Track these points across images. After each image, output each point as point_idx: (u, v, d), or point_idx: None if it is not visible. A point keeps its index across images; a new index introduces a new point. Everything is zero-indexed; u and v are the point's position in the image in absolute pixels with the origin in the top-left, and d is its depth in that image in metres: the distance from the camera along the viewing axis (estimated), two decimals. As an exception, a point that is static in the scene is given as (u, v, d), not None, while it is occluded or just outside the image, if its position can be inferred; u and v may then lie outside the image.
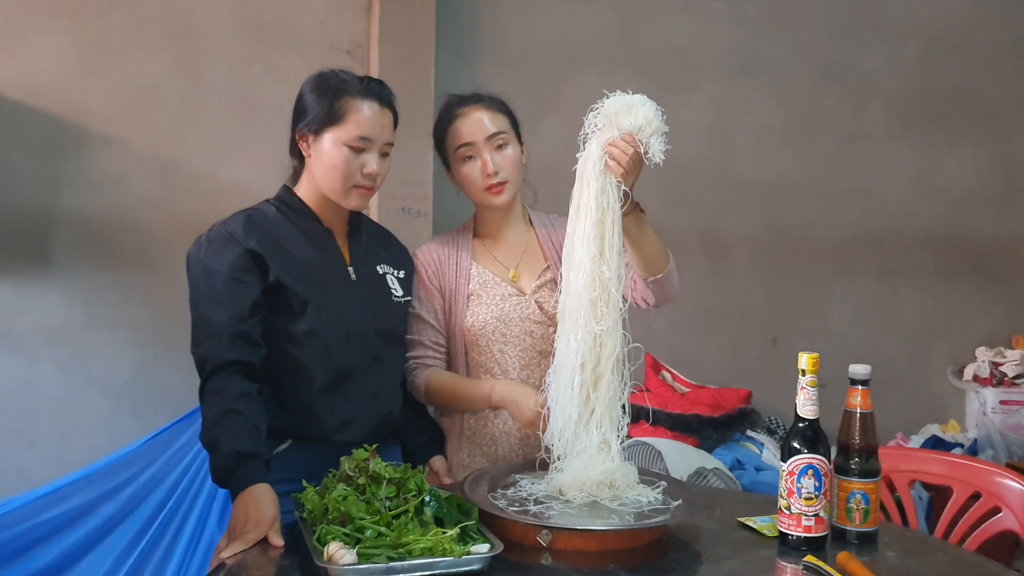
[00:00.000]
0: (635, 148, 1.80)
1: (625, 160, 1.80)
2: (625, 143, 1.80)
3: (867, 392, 1.73)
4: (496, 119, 2.11)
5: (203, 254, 1.90)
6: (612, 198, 1.83)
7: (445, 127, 2.12)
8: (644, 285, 2.05)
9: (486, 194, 2.10)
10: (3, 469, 2.87)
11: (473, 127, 2.09)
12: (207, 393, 1.80)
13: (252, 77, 3.10)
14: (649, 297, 2.07)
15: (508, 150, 2.10)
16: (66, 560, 2.60)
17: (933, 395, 4.23)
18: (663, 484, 1.84)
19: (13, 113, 2.84)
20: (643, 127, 1.79)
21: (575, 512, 1.71)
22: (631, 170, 1.82)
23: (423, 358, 2.12)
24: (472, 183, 2.10)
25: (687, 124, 3.79)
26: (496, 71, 3.38)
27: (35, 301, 2.91)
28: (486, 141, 2.08)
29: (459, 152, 2.09)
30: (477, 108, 2.11)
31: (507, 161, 2.09)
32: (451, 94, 2.19)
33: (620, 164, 1.80)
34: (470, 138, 2.08)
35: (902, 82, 4.13)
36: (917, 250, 4.20)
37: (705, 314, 3.87)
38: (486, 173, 2.07)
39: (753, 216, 3.94)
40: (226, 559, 1.57)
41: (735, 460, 3.13)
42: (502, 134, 2.10)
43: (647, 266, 2.02)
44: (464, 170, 2.10)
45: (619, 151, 1.80)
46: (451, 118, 2.12)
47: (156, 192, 3.02)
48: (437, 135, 2.16)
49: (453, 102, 2.15)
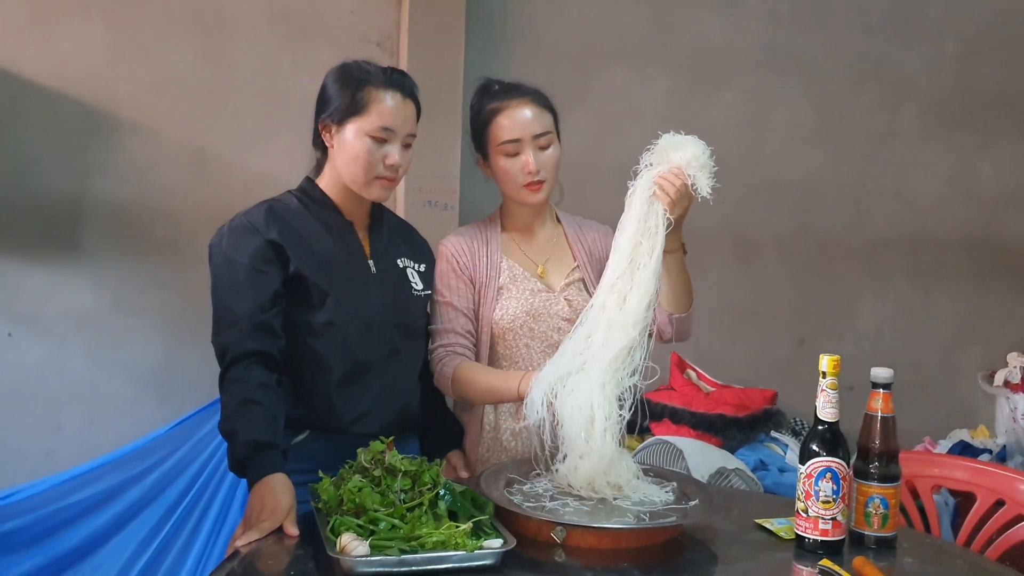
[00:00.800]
0: (683, 180, 1.86)
1: (673, 190, 1.86)
2: (674, 175, 1.87)
3: (889, 396, 1.70)
4: (543, 117, 2.09)
5: (225, 244, 1.91)
6: (654, 224, 1.90)
7: (490, 118, 2.09)
8: (666, 319, 2.08)
9: (523, 190, 2.08)
10: (31, 452, 2.91)
11: (521, 124, 2.06)
12: (227, 382, 1.81)
13: (282, 68, 3.12)
14: (668, 332, 2.10)
15: (551, 150, 2.09)
16: (91, 543, 2.63)
17: (963, 400, 4.17)
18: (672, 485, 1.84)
19: (45, 101, 2.88)
20: (691, 162, 1.87)
21: (590, 510, 1.71)
22: (678, 201, 1.88)
23: (453, 346, 2.08)
24: (511, 178, 2.08)
25: (717, 121, 3.76)
26: (526, 64, 3.36)
27: (64, 287, 2.94)
28: (532, 139, 2.06)
29: (503, 147, 2.07)
30: (525, 103, 2.08)
31: (549, 161, 2.08)
32: (491, 79, 2.17)
33: (668, 194, 1.87)
34: (517, 134, 2.06)
35: (938, 82, 4.06)
36: (950, 253, 4.14)
37: (733, 313, 3.84)
38: (528, 171, 2.06)
39: (783, 215, 3.90)
40: (241, 547, 1.58)
41: (759, 461, 3.10)
42: (548, 134, 2.08)
43: (674, 303, 2.07)
44: (504, 164, 2.08)
45: (667, 181, 1.87)
46: (496, 109, 2.08)
47: (185, 181, 3.05)
48: (478, 123, 2.12)
49: (496, 90, 2.12)
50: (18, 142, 2.89)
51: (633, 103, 3.62)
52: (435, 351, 2.09)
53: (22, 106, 2.88)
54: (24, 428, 2.92)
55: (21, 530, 2.54)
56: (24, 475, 2.70)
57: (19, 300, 2.90)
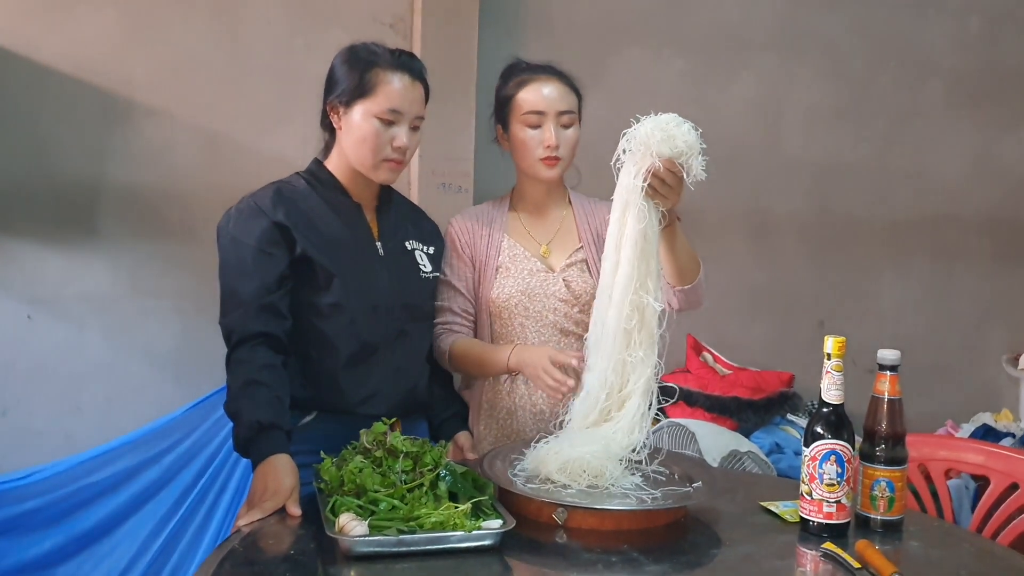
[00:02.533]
0: (677, 174, 1.79)
1: (671, 191, 1.81)
2: (668, 171, 1.78)
3: (896, 378, 1.69)
4: (568, 97, 2.11)
5: (232, 226, 1.92)
6: (655, 226, 1.84)
7: (517, 88, 2.11)
8: (671, 292, 2.05)
9: (539, 163, 2.09)
10: (51, 433, 2.95)
11: (547, 98, 2.08)
12: (232, 363, 1.83)
13: (295, 50, 3.12)
14: (674, 303, 2.06)
15: (571, 131, 2.11)
16: (110, 523, 2.67)
17: (986, 383, 4.11)
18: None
19: (61, 86, 2.90)
20: (683, 152, 1.77)
21: (592, 491, 1.70)
22: (672, 195, 1.83)
23: (451, 324, 2.13)
24: (528, 150, 2.09)
25: (735, 101, 3.72)
26: (540, 45, 3.34)
27: (82, 270, 2.97)
28: (556, 115, 2.08)
29: (526, 117, 2.08)
30: (553, 79, 2.11)
31: (569, 140, 2.10)
32: (520, 59, 2.20)
33: (662, 192, 1.80)
34: (543, 107, 2.08)
35: (962, 59, 3.98)
36: (973, 233, 4.07)
37: (750, 295, 3.80)
38: (547, 144, 2.07)
39: (802, 196, 3.85)
40: (243, 526, 1.59)
41: (774, 444, 3.08)
42: (571, 113, 2.11)
43: (679, 276, 2.02)
44: (524, 135, 2.09)
45: (663, 182, 1.79)
46: (524, 81, 2.11)
47: (200, 164, 3.06)
48: (503, 93, 2.14)
49: (524, 67, 2.15)
50: (35, 127, 2.91)
51: (649, 84, 3.59)
52: (436, 327, 2.13)
53: (39, 91, 2.90)
54: (44, 409, 2.96)
55: (41, 509, 2.59)
56: (45, 456, 2.74)
57: (38, 283, 2.94)
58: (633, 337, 1.82)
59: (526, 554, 1.53)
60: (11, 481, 2.56)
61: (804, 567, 1.57)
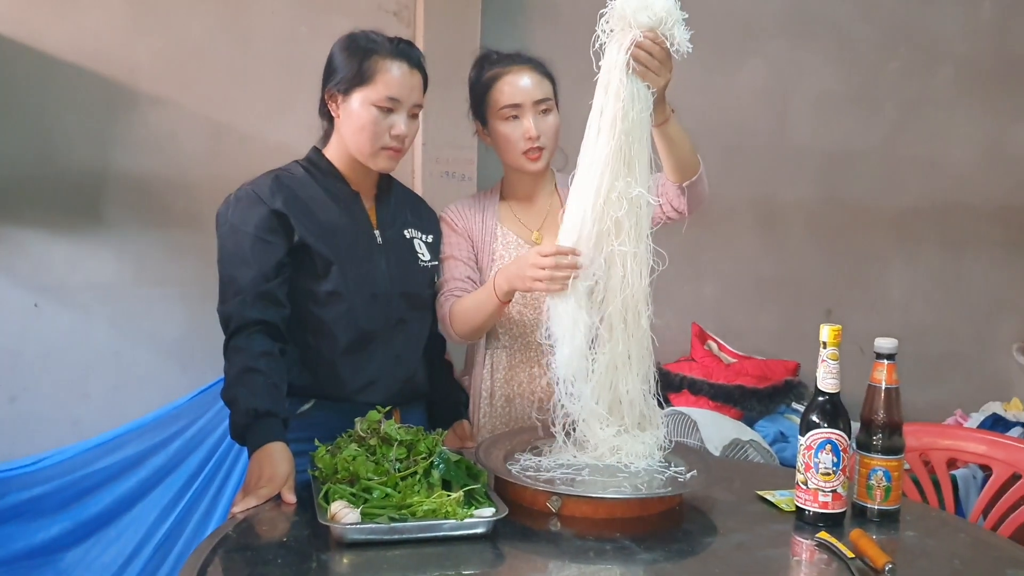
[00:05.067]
0: (661, 45, 1.70)
1: (655, 63, 1.70)
2: (651, 42, 1.68)
3: (893, 367, 1.68)
4: (543, 85, 2.09)
5: (231, 214, 1.93)
6: (643, 105, 1.73)
7: (490, 83, 2.09)
8: (677, 192, 1.97)
9: (523, 158, 2.08)
10: (59, 419, 2.97)
11: (522, 89, 2.06)
12: (230, 351, 1.84)
13: (299, 38, 3.12)
14: (682, 205, 1.99)
15: (550, 117, 2.09)
16: (116, 509, 2.70)
17: (996, 372, 4.08)
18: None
19: (66, 74, 2.90)
20: (664, 19, 1.69)
21: (587, 479, 1.70)
22: (661, 71, 1.72)
23: (454, 291, 2.09)
24: (511, 144, 2.08)
25: (743, 89, 3.69)
26: (544, 33, 3.32)
27: (88, 258, 2.99)
28: (533, 105, 2.06)
29: (503, 111, 2.07)
30: (525, 69, 2.09)
31: (549, 128, 2.09)
32: (491, 49, 2.17)
33: (649, 67, 1.70)
34: (518, 99, 2.06)
35: (974, 45, 3.94)
36: (984, 221, 4.03)
37: (757, 284, 3.79)
38: (528, 137, 2.06)
39: (810, 184, 3.83)
40: (238, 513, 1.60)
41: (778, 433, 3.07)
42: (548, 100, 2.09)
43: (681, 170, 1.93)
44: (504, 130, 2.08)
45: (646, 53, 1.68)
46: (496, 75, 2.09)
47: (205, 152, 3.06)
48: (478, 90, 2.13)
49: (496, 58, 2.13)
50: (41, 115, 2.92)
51: (656, 71, 3.56)
52: (439, 300, 2.10)
53: (44, 80, 2.91)
54: (52, 396, 2.98)
55: (49, 495, 2.61)
56: (52, 442, 2.76)
57: (44, 271, 2.95)
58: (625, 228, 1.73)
59: (519, 542, 1.53)
60: (19, 467, 2.59)
61: (798, 556, 1.56)
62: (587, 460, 1.78)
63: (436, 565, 1.43)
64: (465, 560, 1.45)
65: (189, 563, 1.40)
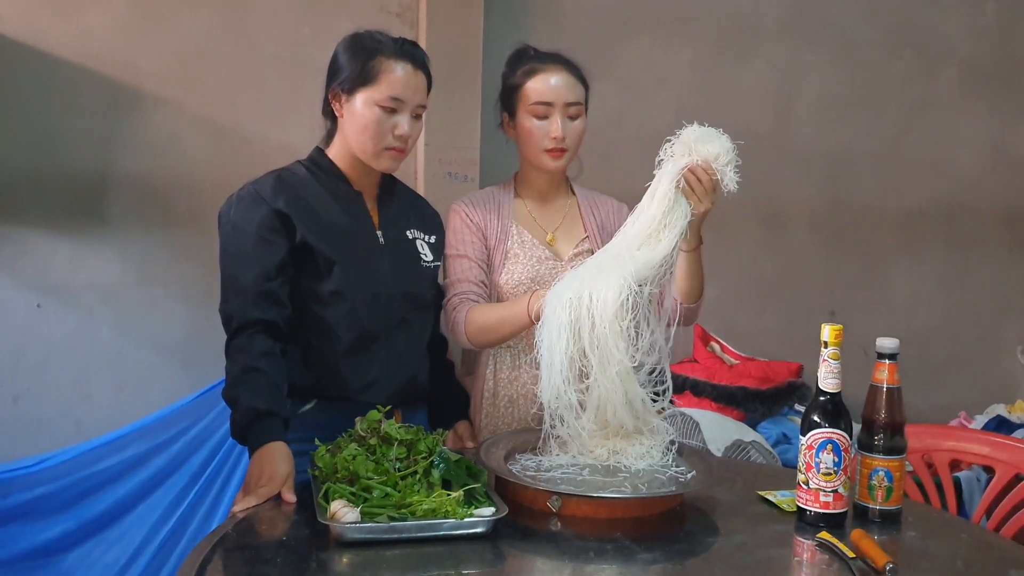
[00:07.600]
0: (713, 175, 1.85)
1: (702, 187, 1.85)
2: (703, 169, 1.85)
3: (895, 367, 1.67)
4: (576, 88, 2.11)
5: (233, 213, 1.93)
6: (679, 216, 1.87)
7: (525, 78, 2.10)
8: (674, 306, 2.02)
9: (544, 155, 2.09)
10: (61, 420, 2.97)
11: (555, 89, 2.07)
12: (231, 350, 1.84)
13: (302, 39, 3.12)
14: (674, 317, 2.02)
15: (578, 123, 2.11)
16: (118, 509, 2.69)
17: (1001, 374, 4.07)
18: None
19: (70, 75, 2.91)
20: (720, 155, 1.85)
21: (588, 479, 1.70)
22: (705, 197, 1.86)
23: (467, 294, 2.08)
24: (534, 140, 2.09)
25: (746, 90, 3.68)
26: (547, 33, 3.31)
27: (91, 258, 2.99)
28: (564, 107, 2.07)
29: (533, 107, 2.08)
30: (563, 70, 2.10)
31: (575, 132, 2.10)
32: (529, 46, 2.18)
33: (695, 190, 1.85)
34: (551, 98, 2.07)
35: (978, 47, 3.93)
36: (989, 223, 4.02)
37: (760, 286, 3.78)
38: (554, 136, 2.07)
39: (814, 186, 3.82)
40: (238, 512, 1.60)
41: (781, 434, 3.06)
42: (579, 105, 2.10)
43: (687, 295, 2.04)
44: (530, 125, 2.09)
45: (696, 177, 1.85)
46: (533, 70, 2.10)
47: (208, 153, 3.07)
48: (511, 81, 2.13)
49: (533, 54, 2.14)
50: (44, 117, 2.93)
51: (658, 73, 3.57)
52: (449, 301, 2.09)
53: (47, 81, 2.91)
54: (54, 397, 2.98)
55: (51, 495, 2.61)
56: (55, 443, 2.77)
57: (48, 272, 2.96)
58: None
59: (519, 541, 1.53)
60: (22, 468, 2.59)
61: (799, 556, 1.56)
62: (588, 460, 1.78)
63: (436, 565, 1.43)
64: (465, 560, 1.45)
65: (188, 561, 1.40)
